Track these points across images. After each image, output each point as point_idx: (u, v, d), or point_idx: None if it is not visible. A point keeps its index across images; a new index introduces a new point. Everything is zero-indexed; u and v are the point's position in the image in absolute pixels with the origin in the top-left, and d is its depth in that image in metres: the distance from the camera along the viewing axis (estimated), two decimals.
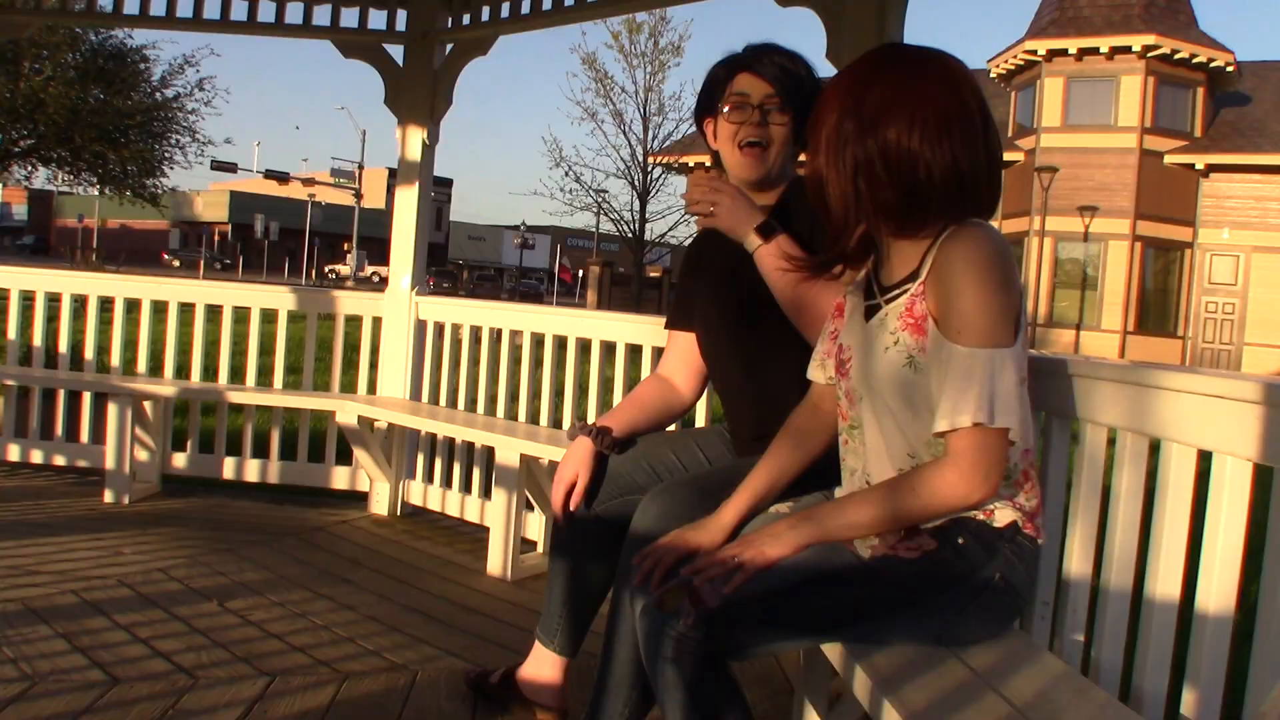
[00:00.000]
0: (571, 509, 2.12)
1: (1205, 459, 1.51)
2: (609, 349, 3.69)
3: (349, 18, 4.44)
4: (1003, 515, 1.57)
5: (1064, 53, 24.40)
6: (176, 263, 46.84)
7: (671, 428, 2.43)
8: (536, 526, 3.73)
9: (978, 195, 1.55)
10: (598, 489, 2.13)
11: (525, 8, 4.07)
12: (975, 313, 1.47)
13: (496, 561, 3.48)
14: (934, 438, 1.53)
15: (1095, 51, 24.03)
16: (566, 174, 37.35)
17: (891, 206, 1.54)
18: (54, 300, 4.53)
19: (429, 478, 4.20)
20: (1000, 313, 1.48)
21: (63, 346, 4.58)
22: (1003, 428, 1.46)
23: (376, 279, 49.05)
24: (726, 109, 2.07)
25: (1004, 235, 1.54)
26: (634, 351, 3.58)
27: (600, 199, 30.37)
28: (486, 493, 3.88)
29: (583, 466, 2.13)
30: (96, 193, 30.40)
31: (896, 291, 1.60)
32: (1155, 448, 1.63)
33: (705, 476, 1.99)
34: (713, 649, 1.50)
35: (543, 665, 2.25)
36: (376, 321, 4.42)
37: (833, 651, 1.63)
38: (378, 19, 4.44)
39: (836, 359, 1.71)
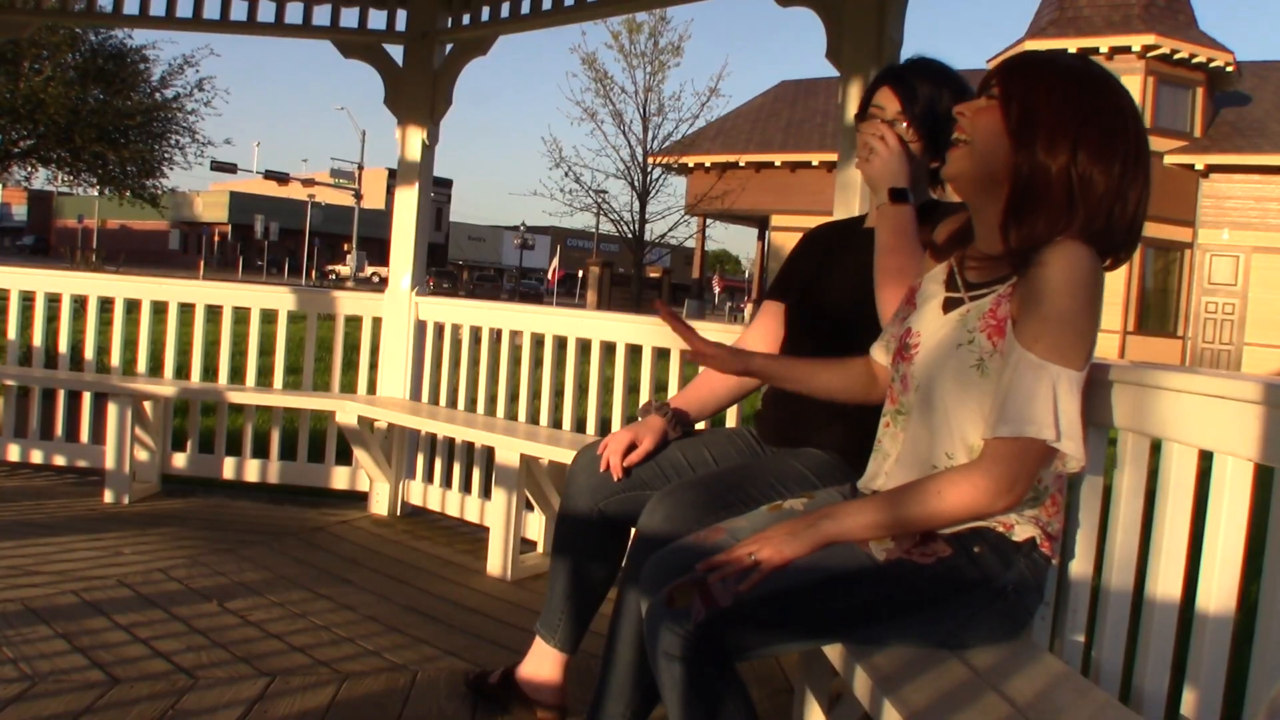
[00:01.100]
0: (626, 466, 2.13)
1: (1206, 459, 1.51)
2: (609, 349, 3.69)
3: (349, 18, 4.44)
4: (1022, 530, 1.57)
5: (1063, 52, 24.38)
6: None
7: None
8: (536, 526, 3.73)
9: (1115, 232, 1.54)
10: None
11: (525, 8, 4.07)
12: (1058, 324, 1.45)
13: (496, 561, 3.48)
14: (978, 441, 1.52)
15: (1095, 51, 24.00)
16: (566, 174, 37.38)
17: (1055, 217, 1.51)
18: (54, 300, 4.53)
19: (429, 478, 4.20)
20: (1080, 334, 1.47)
21: (63, 347, 4.58)
22: (1040, 440, 1.46)
23: (376, 279, 49.05)
24: (863, 119, 2.14)
25: None
26: (634, 351, 3.58)
27: (600, 199, 30.38)
28: (486, 493, 3.88)
29: (650, 435, 2.15)
30: (96, 193, 30.41)
31: (984, 291, 1.58)
32: (1156, 448, 1.63)
33: (714, 478, 1.99)
34: (719, 648, 1.49)
35: (543, 663, 2.26)
36: (376, 322, 4.42)
37: (833, 651, 1.63)
38: (378, 19, 4.44)
39: (900, 342, 1.71)
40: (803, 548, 1.53)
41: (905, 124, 2.06)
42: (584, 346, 3.74)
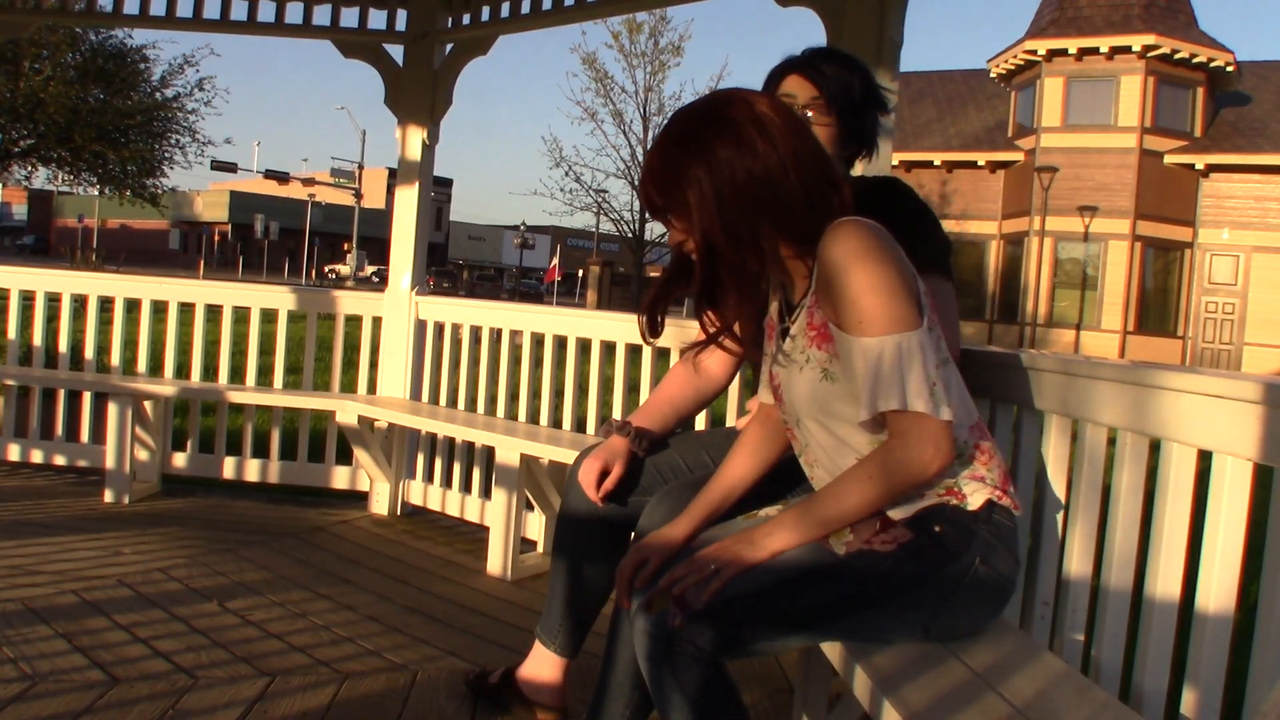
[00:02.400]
0: (601, 495, 2.09)
1: (1205, 459, 1.51)
2: (609, 349, 3.69)
3: (349, 18, 4.45)
4: (975, 497, 1.57)
5: (1064, 53, 24.41)
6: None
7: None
8: (536, 526, 3.73)
9: (813, 191, 1.56)
10: (626, 486, 2.12)
11: (525, 8, 4.08)
12: (869, 298, 1.48)
13: (496, 561, 3.48)
14: (866, 441, 1.55)
15: (1095, 51, 24.04)
16: (566, 174, 37.40)
17: (767, 230, 1.55)
18: (54, 300, 4.54)
19: (429, 478, 4.20)
20: (894, 293, 1.48)
21: (63, 346, 4.58)
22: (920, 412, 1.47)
23: (376, 279, 49.03)
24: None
25: (885, 228, 1.57)
26: (634, 351, 3.58)
27: (600, 199, 30.39)
28: (486, 493, 3.89)
29: (619, 460, 2.11)
30: (96, 193, 30.39)
31: (797, 309, 1.63)
32: (1155, 447, 1.63)
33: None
34: (708, 649, 1.50)
35: (543, 665, 2.25)
36: (376, 321, 4.42)
37: (832, 651, 1.63)
38: (378, 19, 4.44)
39: (769, 386, 1.74)
40: (760, 554, 1.55)
41: (825, 110, 2.00)
42: (584, 346, 3.74)
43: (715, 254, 1.57)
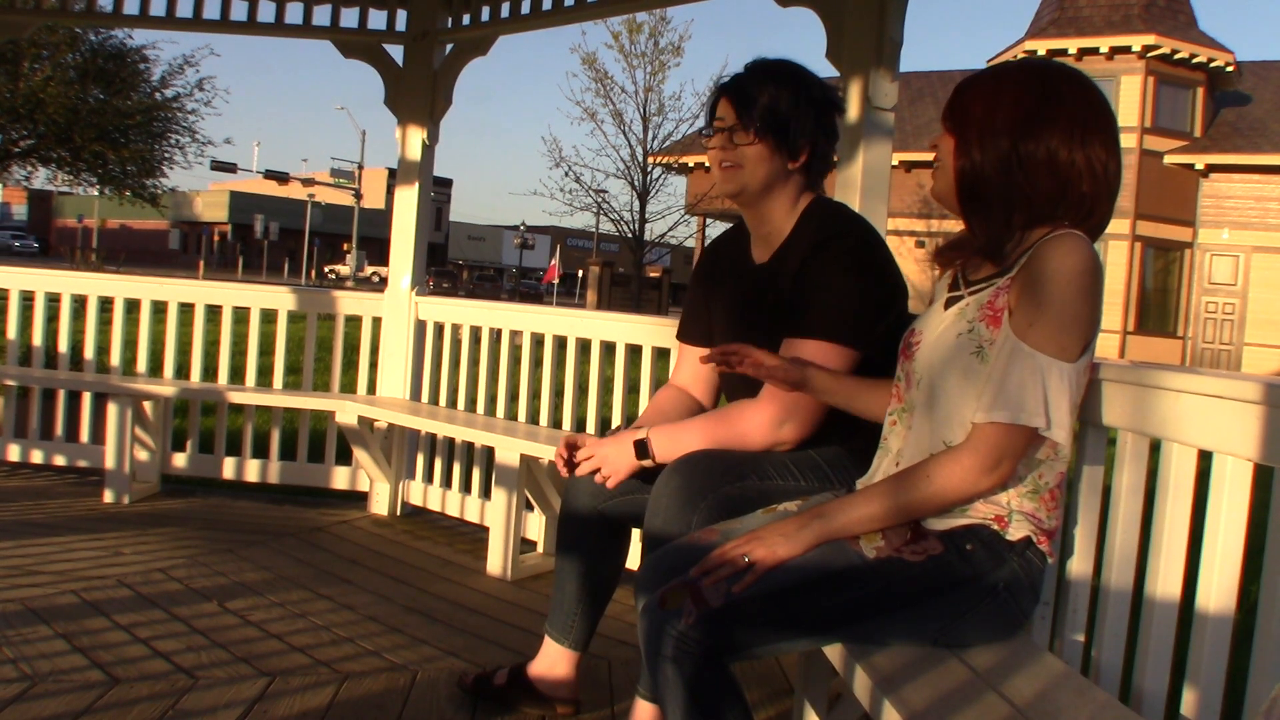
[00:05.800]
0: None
1: (1205, 459, 1.51)
2: (609, 349, 3.69)
3: (349, 18, 4.45)
4: (1018, 529, 1.58)
5: (1064, 53, 24.38)
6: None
7: None
8: (536, 526, 3.73)
9: (1098, 208, 1.58)
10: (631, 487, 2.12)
11: (525, 8, 4.08)
12: (1051, 314, 1.49)
13: (496, 561, 3.48)
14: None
15: (1095, 51, 24.02)
16: (566, 174, 37.39)
17: (1039, 205, 1.56)
18: (54, 300, 4.54)
19: (429, 478, 4.20)
20: (1072, 323, 1.49)
21: (63, 346, 4.58)
22: (1030, 427, 1.49)
23: (377, 279, 49.02)
24: (707, 132, 2.16)
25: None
26: (634, 351, 3.58)
27: (600, 199, 30.37)
28: (486, 493, 3.88)
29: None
30: (96, 193, 30.40)
31: (983, 284, 1.62)
32: (1155, 447, 1.63)
33: (727, 452, 1.97)
34: (713, 648, 1.50)
35: (557, 661, 2.28)
36: (376, 321, 4.42)
37: (833, 651, 1.63)
38: (378, 19, 4.44)
39: (904, 342, 1.74)
40: (797, 547, 1.55)
41: (740, 127, 2.06)
42: (584, 346, 3.74)
43: (980, 168, 1.58)
